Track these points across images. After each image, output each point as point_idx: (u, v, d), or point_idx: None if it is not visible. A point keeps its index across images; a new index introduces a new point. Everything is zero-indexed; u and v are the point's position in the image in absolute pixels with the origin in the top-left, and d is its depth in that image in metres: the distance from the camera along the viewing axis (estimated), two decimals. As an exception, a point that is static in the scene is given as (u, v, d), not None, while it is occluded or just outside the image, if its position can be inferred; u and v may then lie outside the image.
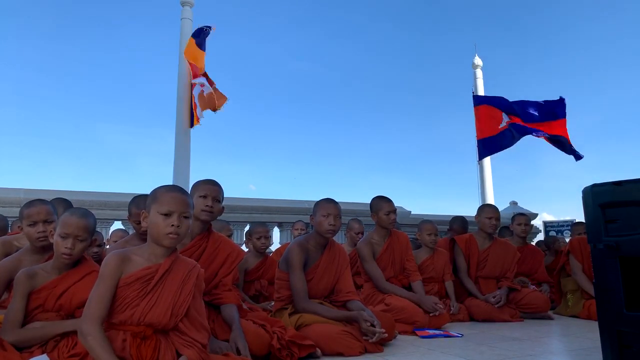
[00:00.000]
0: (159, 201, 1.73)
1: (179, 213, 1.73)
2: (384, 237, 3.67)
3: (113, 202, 5.42)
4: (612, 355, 1.88)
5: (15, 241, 2.75)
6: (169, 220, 1.71)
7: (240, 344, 2.09)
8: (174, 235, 1.72)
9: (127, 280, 1.69)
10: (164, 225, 1.71)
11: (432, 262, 4.06)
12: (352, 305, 2.77)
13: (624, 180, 1.92)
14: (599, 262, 1.96)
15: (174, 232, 1.71)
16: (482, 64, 7.95)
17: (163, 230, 1.71)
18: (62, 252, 1.94)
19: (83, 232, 1.97)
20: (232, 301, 2.36)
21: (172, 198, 1.74)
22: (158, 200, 1.74)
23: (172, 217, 1.72)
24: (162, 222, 1.72)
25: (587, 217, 2.05)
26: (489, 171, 7.63)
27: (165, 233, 1.71)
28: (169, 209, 1.72)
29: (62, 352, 1.77)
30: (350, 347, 2.42)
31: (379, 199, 3.69)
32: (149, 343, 1.65)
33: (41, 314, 1.94)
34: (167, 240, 1.73)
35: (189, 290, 1.77)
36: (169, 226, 1.71)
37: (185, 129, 6.10)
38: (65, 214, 1.98)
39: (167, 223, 1.71)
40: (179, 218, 1.72)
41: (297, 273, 2.73)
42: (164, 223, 1.71)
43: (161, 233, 1.72)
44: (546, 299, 4.01)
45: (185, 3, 6.37)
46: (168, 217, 1.72)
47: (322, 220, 2.79)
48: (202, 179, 2.55)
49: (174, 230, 1.71)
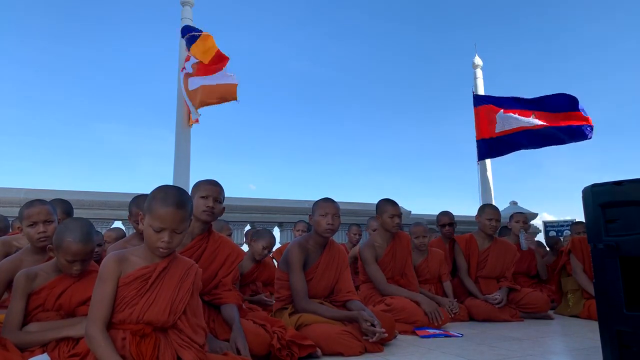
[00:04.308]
0: (153, 214, 1.71)
1: (171, 230, 1.72)
2: (387, 240, 3.65)
3: (113, 202, 5.43)
4: (612, 355, 1.88)
5: (15, 241, 2.76)
6: (160, 235, 1.71)
7: (240, 343, 2.10)
8: (164, 249, 1.73)
9: (125, 280, 1.70)
10: (155, 239, 1.72)
11: (427, 264, 4.06)
12: (352, 305, 2.77)
13: (624, 180, 1.92)
14: (599, 262, 1.96)
15: (164, 247, 1.72)
16: (482, 64, 7.94)
17: (154, 244, 1.73)
18: (72, 273, 2.00)
19: (89, 256, 2.03)
20: (232, 301, 2.36)
21: (166, 214, 1.70)
22: (152, 213, 1.72)
23: (164, 233, 1.71)
24: (153, 235, 1.72)
25: (587, 217, 2.05)
26: (490, 171, 7.62)
27: (156, 246, 1.73)
28: (161, 225, 1.70)
29: (63, 351, 1.78)
30: (351, 347, 2.42)
31: (384, 201, 3.66)
32: (148, 341, 1.65)
33: (41, 313, 1.95)
34: (158, 252, 1.75)
35: (187, 288, 1.78)
36: (159, 241, 1.72)
37: (185, 129, 6.09)
38: (69, 238, 1.94)
39: (158, 238, 1.72)
40: (170, 234, 1.72)
41: (296, 273, 2.74)
42: (155, 237, 1.72)
43: (152, 246, 1.74)
44: (546, 298, 4.01)
45: (185, 3, 6.36)
46: (160, 232, 1.71)
47: (321, 219, 2.80)
48: (203, 180, 2.55)
49: (165, 246, 1.72)
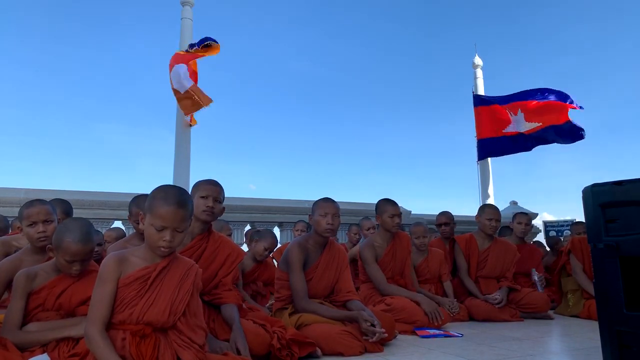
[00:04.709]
0: (154, 213, 1.71)
1: (173, 228, 1.71)
2: (387, 240, 3.65)
3: (113, 202, 5.43)
4: (612, 355, 1.88)
5: (15, 241, 2.76)
6: (161, 234, 1.71)
7: (240, 343, 2.09)
8: (165, 249, 1.73)
9: (125, 281, 1.70)
10: (157, 239, 1.71)
11: (427, 264, 4.06)
12: (352, 305, 2.77)
13: (624, 180, 1.92)
14: (599, 262, 1.96)
15: (166, 246, 1.72)
16: (482, 63, 7.95)
17: (155, 243, 1.72)
18: (72, 273, 2.00)
19: (88, 256, 2.03)
20: (232, 301, 2.36)
21: (167, 213, 1.70)
22: (153, 212, 1.71)
23: (165, 232, 1.71)
24: (155, 234, 1.71)
25: (587, 217, 2.05)
26: (490, 171, 7.62)
27: (157, 246, 1.72)
28: (162, 224, 1.70)
29: (63, 351, 1.78)
30: (350, 346, 2.42)
31: (384, 201, 3.66)
32: (148, 341, 1.65)
33: (41, 313, 1.95)
34: (159, 251, 1.74)
35: (187, 288, 1.78)
36: (161, 240, 1.71)
37: (185, 129, 6.09)
38: (68, 239, 1.93)
39: (160, 237, 1.71)
40: (171, 233, 1.71)
41: (296, 273, 2.74)
42: (156, 236, 1.71)
43: (154, 245, 1.73)
44: (546, 298, 4.01)
45: (185, 3, 6.36)
46: (161, 231, 1.71)
47: (320, 219, 2.80)
48: (203, 179, 2.54)
49: (166, 245, 1.71)
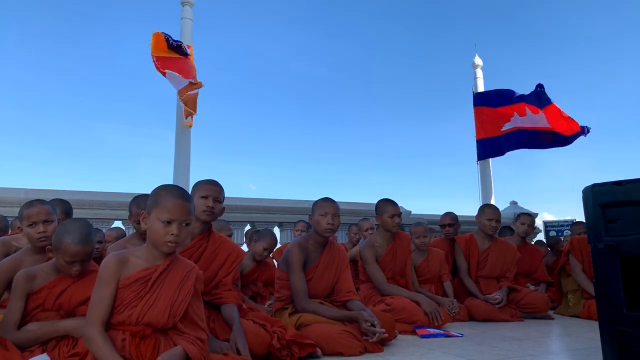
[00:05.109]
0: (160, 207, 1.68)
1: (180, 221, 1.69)
2: (387, 240, 3.65)
3: (113, 202, 5.43)
4: (612, 355, 1.88)
5: (15, 241, 2.76)
6: (169, 228, 1.68)
7: (240, 344, 2.09)
8: (173, 243, 1.70)
9: (125, 282, 1.69)
10: (164, 233, 1.68)
11: (427, 264, 4.06)
12: (352, 305, 2.77)
13: (624, 180, 1.92)
14: (599, 262, 1.96)
15: (173, 241, 1.69)
16: (482, 63, 7.96)
17: (162, 238, 1.69)
18: (72, 273, 1.99)
19: (88, 257, 2.02)
20: (232, 301, 2.36)
21: (174, 206, 1.68)
22: (159, 206, 1.69)
23: (173, 225, 1.68)
24: (162, 229, 1.68)
25: (587, 217, 2.05)
26: (490, 171, 7.63)
27: (165, 241, 1.69)
28: (170, 217, 1.67)
29: (63, 351, 1.78)
30: (351, 346, 2.42)
31: (384, 201, 3.66)
32: (148, 342, 1.65)
33: (41, 313, 1.95)
34: (166, 247, 1.71)
35: (187, 290, 1.76)
36: (168, 234, 1.68)
37: (185, 129, 6.10)
38: (68, 239, 1.92)
39: (167, 231, 1.68)
40: (179, 226, 1.69)
41: (296, 273, 2.73)
42: (163, 230, 1.68)
43: (160, 240, 1.69)
44: (546, 298, 4.01)
45: (185, 3, 6.37)
46: (169, 225, 1.68)
47: (320, 219, 2.79)
48: (203, 179, 2.54)
49: (173, 239, 1.69)
